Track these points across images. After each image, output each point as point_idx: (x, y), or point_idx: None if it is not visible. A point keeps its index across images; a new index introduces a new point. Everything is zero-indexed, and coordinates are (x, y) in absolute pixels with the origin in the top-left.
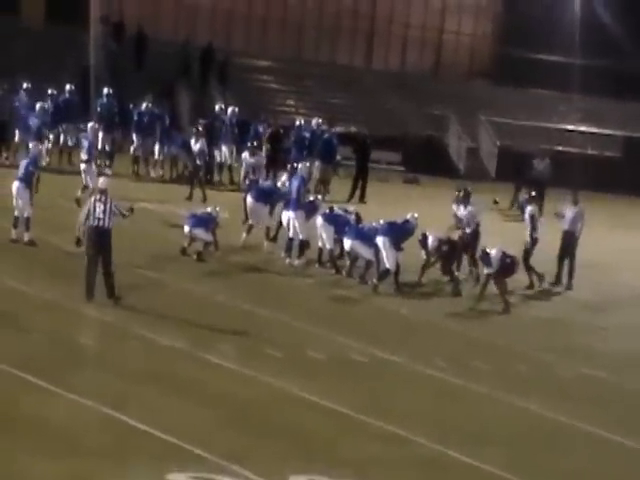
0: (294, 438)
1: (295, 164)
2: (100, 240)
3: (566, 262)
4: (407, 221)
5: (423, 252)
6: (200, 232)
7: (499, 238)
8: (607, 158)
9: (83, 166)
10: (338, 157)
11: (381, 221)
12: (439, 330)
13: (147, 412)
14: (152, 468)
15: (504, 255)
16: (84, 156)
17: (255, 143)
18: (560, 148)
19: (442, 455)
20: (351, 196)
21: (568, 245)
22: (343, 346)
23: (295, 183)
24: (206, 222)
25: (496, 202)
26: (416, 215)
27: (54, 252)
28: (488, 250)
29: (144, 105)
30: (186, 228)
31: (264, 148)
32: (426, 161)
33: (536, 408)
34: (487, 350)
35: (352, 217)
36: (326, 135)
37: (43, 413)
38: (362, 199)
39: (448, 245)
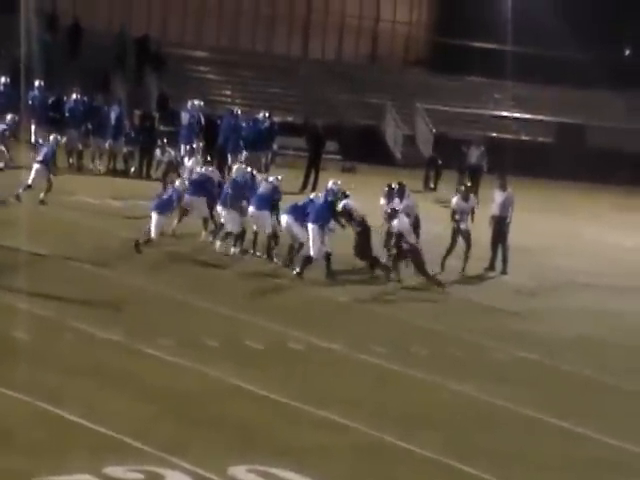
0: (232, 428)
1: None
2: None
3: (499, 247)
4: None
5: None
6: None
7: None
8: (540, 143)
9: (37, 166)
10: (275, 147)
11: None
12: (376, 316)
13: (83, 406)
14: (89, 462)
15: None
16: (40, 157)
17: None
18: (494, 135)
19: (379, 441)
20: (304, 186)
21: (499, 230)
22: (279, 334)
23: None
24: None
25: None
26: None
27: None
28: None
29: (73, 97)
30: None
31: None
32: (363, 149)
33: (472, 392)
34: (424, 335)
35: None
36: (258, 124)
37: None
38: (314, 189)
39: (361, 227)
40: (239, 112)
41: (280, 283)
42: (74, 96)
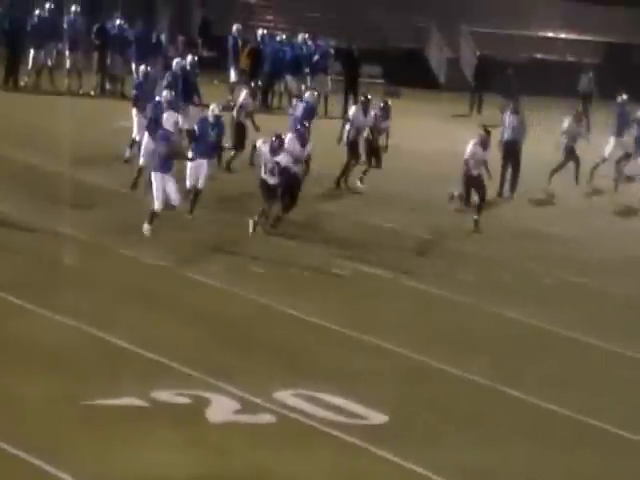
0: (278, 354)
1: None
2: None
3: (509, 172)
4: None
5: None
6: None
7: None
8: (587, 65)
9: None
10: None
11: None
12: (420, 243)
13: (132, 331)
14: (137, 386)
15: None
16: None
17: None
18: (539, 56)
19: (426, 366)
20: (345, 111)
21: (510, 154)
22: (326, 260)
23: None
24: None
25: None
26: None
27: (32, 172)
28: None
29: (116, 22)
30: None
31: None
32: (407, 73)
33: (518, 316)
34: (469, 261)
35: None
36: (300, 49)
37: (29, 334)
38: None
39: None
40: (284, 37)
41: (326, 208)
42: (117, 22)
